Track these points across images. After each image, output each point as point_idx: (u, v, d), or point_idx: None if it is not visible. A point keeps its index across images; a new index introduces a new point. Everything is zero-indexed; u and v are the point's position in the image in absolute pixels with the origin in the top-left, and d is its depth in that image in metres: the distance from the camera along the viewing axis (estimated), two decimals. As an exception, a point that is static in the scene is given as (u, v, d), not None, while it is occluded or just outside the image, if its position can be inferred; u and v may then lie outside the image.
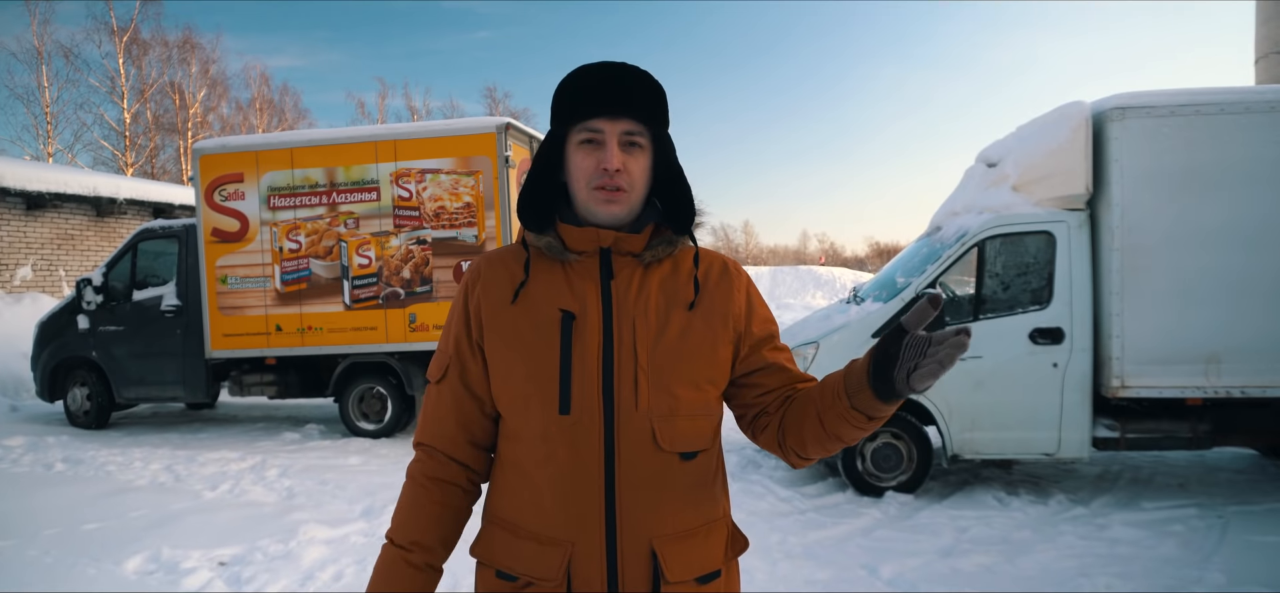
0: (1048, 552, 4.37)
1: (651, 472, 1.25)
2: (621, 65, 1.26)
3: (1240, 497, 5.35)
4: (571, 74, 1.26)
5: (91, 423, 8.55)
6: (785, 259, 72.60)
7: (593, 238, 1.27)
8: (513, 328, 1.27)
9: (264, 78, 38.61)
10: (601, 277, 1.28)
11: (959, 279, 5.74)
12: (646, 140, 1.27)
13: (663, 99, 1.29)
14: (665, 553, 1.24)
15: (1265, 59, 14.26)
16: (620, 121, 1.23)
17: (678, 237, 1.33)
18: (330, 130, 8.02)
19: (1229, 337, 5.00)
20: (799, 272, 30.18)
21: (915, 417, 5.44)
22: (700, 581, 1.28)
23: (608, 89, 1.23)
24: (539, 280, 1.29)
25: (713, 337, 1.31)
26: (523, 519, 1.28)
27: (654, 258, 1.31)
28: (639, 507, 1.24)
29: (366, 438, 7.75)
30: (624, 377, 1.24)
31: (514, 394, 1.27)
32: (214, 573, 4.12)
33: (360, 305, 7.66)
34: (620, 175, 1.24)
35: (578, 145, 1.26)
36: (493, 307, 1.29)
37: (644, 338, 1.26)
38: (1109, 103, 5.15)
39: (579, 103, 1.24)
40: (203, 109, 33.04)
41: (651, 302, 1.29)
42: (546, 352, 1.24)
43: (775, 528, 4.81)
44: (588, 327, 1.25)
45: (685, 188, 1.33)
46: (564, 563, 1.23)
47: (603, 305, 1.27)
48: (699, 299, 1.32)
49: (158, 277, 8.48)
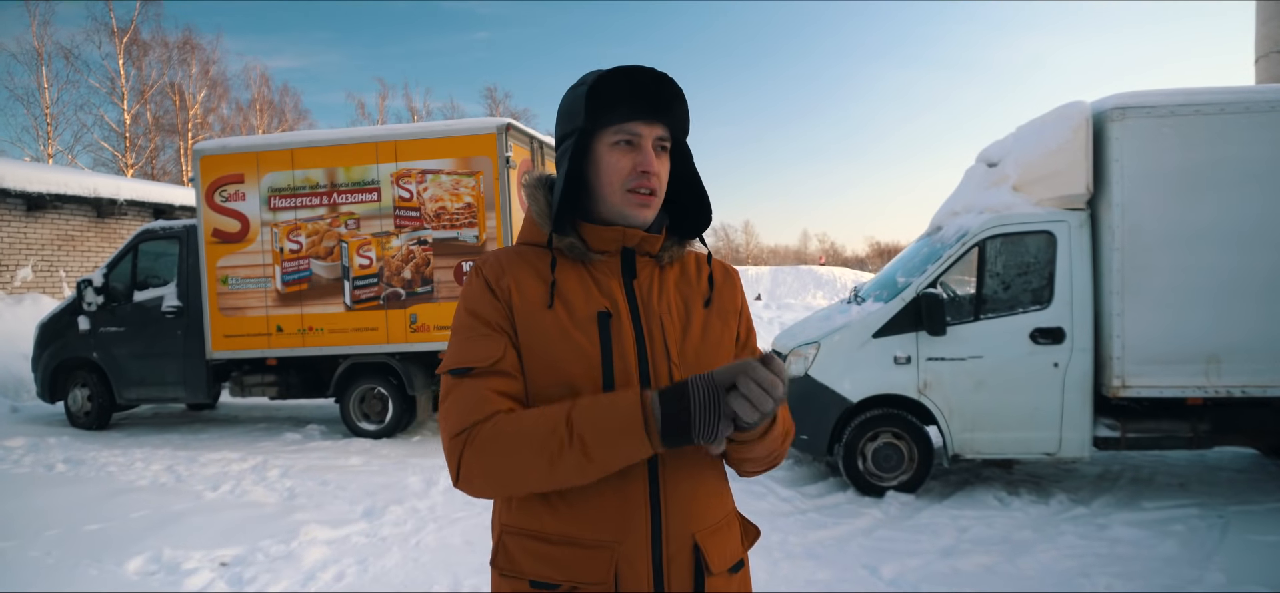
0: (1048, 552, 4.37)
1: (691, 467, 1.27)
2: (658, 73, 1.27)
3: (1241, 497, 5.35)
4: (607, 76, 1.26)
5: (92, 424, 8.55)
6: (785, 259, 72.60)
7: (618, 237, 1.30)
8: (552, 327, 1.26)
9: (264, 79, 38.68)
10: (624, 276, 1.31)
11: (960, 279, 5.75)
12: (670, 147, 1.32)
13: (688, 109, 1.33)
14: (707, 546, 1.27)
15: (1265, 59, 14.25)
16: (656, 127, 1.27)
17: (685, 240, 1.39)
18: (331, 131, 8.02)
19: (1229, 336, 5.01)
20: (799, 272, 30.18)
21: (916, 416, 5.44)
22: (731, 571, 1.32)
23: (648, 95, 1.26)
24: (566, 281, 1.29)
25: (727, 334, 1.38)
26: (556, 526, 1.24)
27: (670, 260, 1.37)
28: (682, 502, 1.25)
29: (368, 439, 7.75)
30: (660, 373, 1.26)
31: (555, 395, 1.23)
32: (215, 574, 4.12)
33: (361, 306, 7.67)
34: (654, 178, 1.27)
35: (611, 146, 1.27)
36: (529, 306, 1.27)
37: (672, 335, 1.30)
38: (1109, 102, 5.16)
39: (618, 105, 1.26)
40: (203, 110, 33.03)
41: (672, 300, 1.33)
42: (588, 351, 1.24)
43: (776, 528, 4.81)
44: (621, 324, 1.27)
45: (703, 195, 1.38)
46: (612, 565, 1.21)
47: (629, 304, 1.29)
48: (713, 297, 1.38)
49: (158, 277, 8.49)
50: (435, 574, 4.14)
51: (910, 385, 5.33)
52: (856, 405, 5.43)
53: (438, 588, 3.98)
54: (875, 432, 5.47)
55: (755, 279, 30.35)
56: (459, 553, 4.45)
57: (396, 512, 5.18)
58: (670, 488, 1.24)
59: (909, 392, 5.34)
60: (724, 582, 1.29)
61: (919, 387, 5.32)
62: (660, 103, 1.27)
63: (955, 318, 5.36)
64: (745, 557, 1.38)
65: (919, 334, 5.33)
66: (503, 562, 1.28)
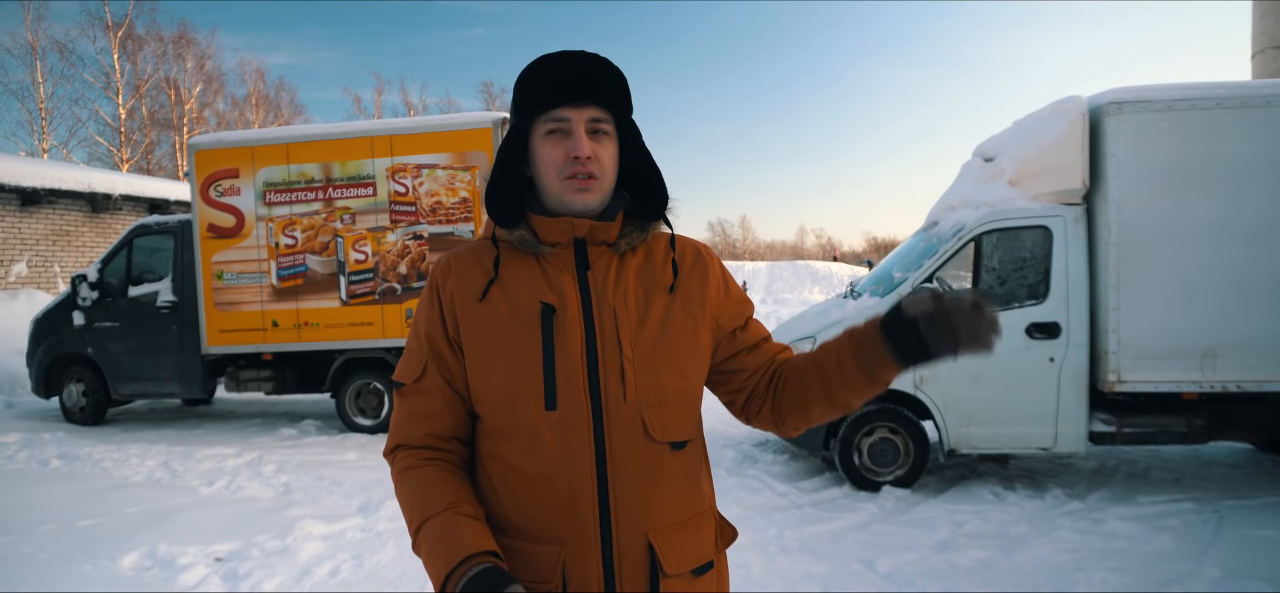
0: (1044, 546, 4.37)
1: (644, 463, 1.23)
2: (582, 53, 1.24)
3: (1236, 491, 5.36)
4: (532, 64, 1.25)
5: (87, 419, 8.53)
6: (783, 255, 72.66)
7: (567, 228, 1.26)
8: (492, 324, 1.24)
9: (260, 73, 38.58)
10: (577, 268, 1.27)
11: (956, 274, 5.75)
12: (612, 127, 1.27)
13: (626, 85, 1.28)
14: (662, 546, 1.23)
15: (1262, 54, 14.26)
16: (586, 109, 1.22)
17: (648, 224, 1.32)
18: (326, 125, 8.01)
19: (1225, 331, 5.01)
20: (796, 267, 30.20)
21: (912, 411, 5.44)
22: (695, 572, 1.27)
23: (571, 76, 1.22)
24: (514, 275, 1.26)
25: (693, 323, 1.31)
26: (511, 520, 1.24)
27: (628, 246, 1.30)
28: (633, 500, 1.22)
29: (363, 434, 7.74)
30: (610, 368, 1.22)
31: (496, 392, 1.24)
32: (210, 569, 4.11)
33: (357, 301, 7.65)
34: (592, 163, 1.22)
35: (544, 136, 1.24)
36: (467, 303, 1.26)
37: (626, 327, 1.25)
38: (1106, 97, 5.15)
39: (544, 92, 1.22)
40: (198, 105, 32.95)
41: (630, 290, 1.28)
42: (528, 347, 1.22)
43: (772, 522, 4.81)
44: (568, 319, 1.23)
45: (656, 174, 1.33)
46: (559, 562, 1.20)
47: (582, 297, 1.25)
48: (677, 283, 1.32)
49: (153, 272, 8.46)
50: (431, 569, 4.13)
51: (906, 380, 5.33)
52: (853, 400, 5.42)
53: (432, 583, 3.96)
54: (871, 427, 5.47)
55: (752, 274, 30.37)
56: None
57: (392, 507, 5.17)
58: (620, 486, 1.21)
59: (905, 386, 5.34)
60: (685, 583, 1.25)
61: (915, 382, 5.33)
62: (587, 84, 1.22)
63: (951, 313, 5.34)
64: (717, 558, 1.33)
65: (915, 329, 5.31)
66: None
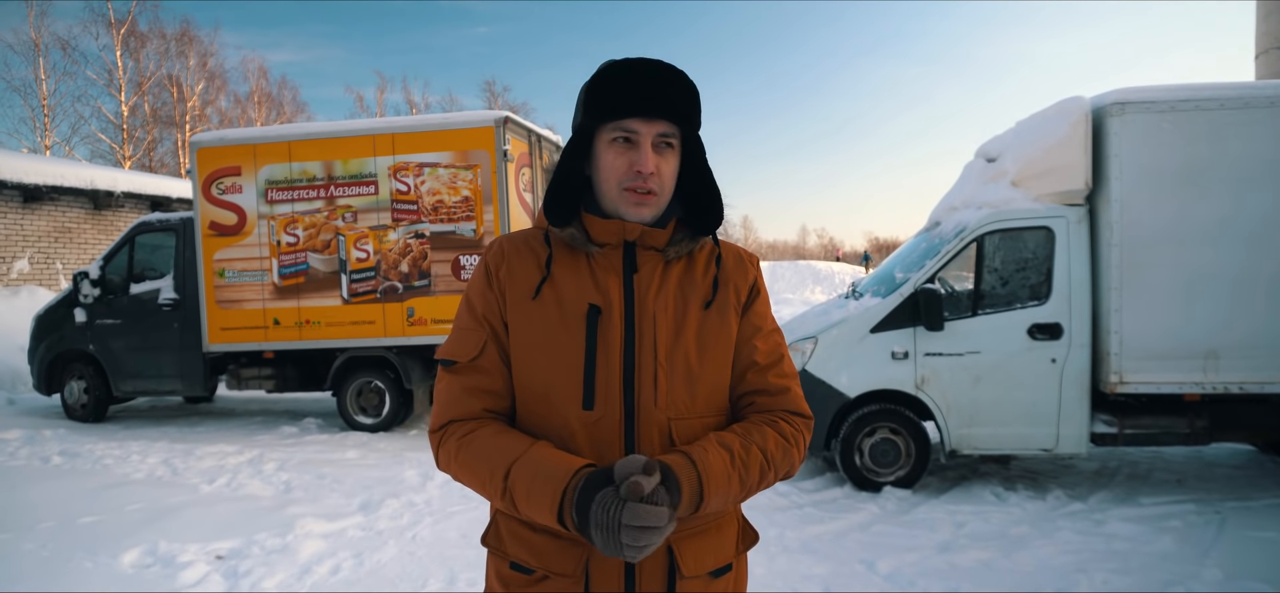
0: (1045, 547, 4.37)
1: None
2: (659, 64, 1.23)
3: (1238, 493, 5.35)
4: (608, 69, 1.24)
5: (88, 416, 8.53)
6: (784, 254, 72.62)
7: (618, 231, 1.27)
8: (541, 321, 1.26)
9: (262, 71, 38.57)
10: (624, 270, 1.28)
11: (958, 274, 5.74)
12: (678, 141, 1.27)
13: (697, 100, 1.28)
14: (681, 549, 1.25)
15: (1265, 55, 14.21)
16: (656, 123, 1.22)
17: (699, 235, 1.33)
18: (328, 124, 8.01)
19: (1228, 333, 5.00)
20: (798, 266, 30.20)
21: (913, 412, 5.43)
22: (713, 575, 1.29)
23: (646, 89, 1.21)
24: (563, 272, 1.28)
25: (728, 334, 1.32)
26: None
27: (676, 255, 1.31)
28: None
29: (364, 432, 7.73)
30: (644, 373, 1.24)
31: (534, 387, 1.25)
32: (211, 567, 4.11)
33: (358, 299, 7.65)
34: (653, 178, 1.23)
35: (609, 143, 1.24)
36: (519, 296, 1.28)
37: (664, 336, 1.26)
38: (1108, 98, 5.14)
39: (616, 101, 1.22)
40: (201, 102, 32.97)
41: (671, 298, 1.29)
42: (572, 346, 1.23)
43: (773, 523, 4.81)
44: (611, 321, 1.24)
45: (715, 191, 1.32)
46: (583, 559, 1.22)
47: (625, 300, 1.26)
48: (717, 298, 1.32)
49: (155, 270, 8.46)
50: (431, 568, 4.14)
51: (908, 381, 5.33)
52: (854, 401, 5.43)
53: (433, 582, 3.97)
54: (872, 427, 5.46)
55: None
56: (455, 547, 4.44)
57: (393, 506, 5.17)
58: None
59: (907, 387, 5.33)
60: (702, 585, 1.27)
61: (917, 382, 5.32)
62: (661, 98, 1.21)
63: (953, 313, 5.35)
64: (736, 561, 1.35)
65: (917, 329, 5.32)
66: (492, 540, 1.33)
